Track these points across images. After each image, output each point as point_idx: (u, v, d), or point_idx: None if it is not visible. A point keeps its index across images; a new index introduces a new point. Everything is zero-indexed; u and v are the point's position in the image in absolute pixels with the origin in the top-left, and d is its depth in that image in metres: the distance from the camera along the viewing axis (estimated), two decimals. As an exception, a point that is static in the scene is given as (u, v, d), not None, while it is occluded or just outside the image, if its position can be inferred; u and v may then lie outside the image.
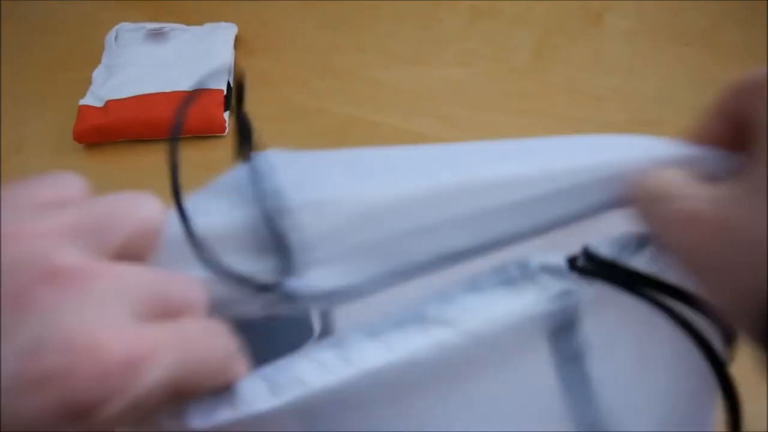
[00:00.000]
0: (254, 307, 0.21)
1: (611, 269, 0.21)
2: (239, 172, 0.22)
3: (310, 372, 0.19)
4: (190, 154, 0.63)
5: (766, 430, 0.38)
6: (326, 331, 0.29)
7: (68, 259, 0.16)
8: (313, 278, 0.21)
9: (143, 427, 0.19)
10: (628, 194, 0.22)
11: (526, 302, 0.20)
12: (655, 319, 0.21)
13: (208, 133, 0.63)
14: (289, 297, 0.21)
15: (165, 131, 0.63)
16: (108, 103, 0.64)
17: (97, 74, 0.67)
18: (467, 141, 0.24)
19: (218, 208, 0.22)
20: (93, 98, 0.65)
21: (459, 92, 0.66)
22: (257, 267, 0.21)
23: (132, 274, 0.17)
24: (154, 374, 0.16)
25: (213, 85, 0.64)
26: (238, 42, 0.70)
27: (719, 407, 0.22)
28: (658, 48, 0.69)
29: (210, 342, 0.18)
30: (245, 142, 0.22)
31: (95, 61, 0.69)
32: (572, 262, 0.21)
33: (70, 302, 0.16)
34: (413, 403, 0.21)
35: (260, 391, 0.19)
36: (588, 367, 0.21)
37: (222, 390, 0.19)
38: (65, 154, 0.63)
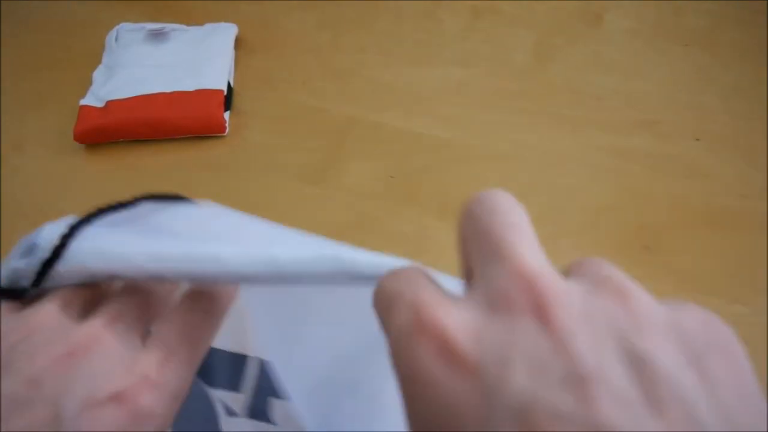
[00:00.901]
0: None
1: None
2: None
3: None
4: (190, 154, 0.63)
5: None
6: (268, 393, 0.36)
7: (80, 332, 0.21)
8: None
9: None
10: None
11: None
12: None
13: (208, 132, 0.63)
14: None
15: (165, 131, 0.63)
16: (108, 103, 0.64)
17: (98, 74, 0.67)
18: (467, 141, 0.24)
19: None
20: (93, 98, 0.65)
21: (459, 92, 0.66)
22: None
23: (120, 320, 0.23)
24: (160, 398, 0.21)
25: (213, 85, 0.64)
26: (238, 42, 0.70)
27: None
28: (658, 48, 0.69)
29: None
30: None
31: (95, 61, 0.69)
32: None
33: (81, 370, 0.20)
34: None
35: None
36: None
37: None
38: (65, 154, 0.63)
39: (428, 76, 0.67)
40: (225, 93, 0.64)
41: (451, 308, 0.16)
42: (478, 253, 0.18)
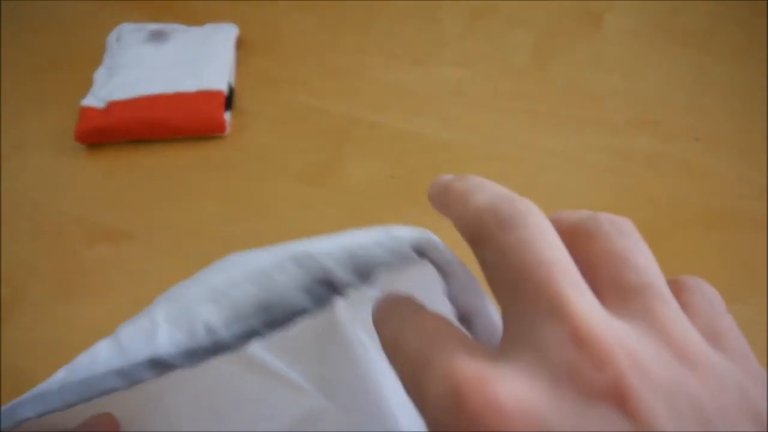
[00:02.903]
0: None
1: None
2: None
3: None
4: (190, 155, 0.63)
5: None
6: None
7: None
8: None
9: None
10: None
11: None
12: None
13: (208, 133, 0.63)
14: None
15: (166, 132, 0.63)
16: (109, 104, 0.64)
17: (99, 75, 0.67)
18: (467, 141, 0.24)
19: None
20: (94, 99, 0.65)
21: (459, 92, 0.66)
22: None
23: None
24: None
25: (213, 86, 0.64)
26: (238, 42, 0.70)
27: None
28: (658, 48, 0.69)
29: None
30: None
31: (96, 62, 0.69)
32: None
33: None
34: None
35: None
36: None
37: None
38: (66, 154, 0.63)
39: (428, 76, 0.68)
40: (226, 94, 0.64)
41: (498, 380, 0.13)
42: (503, 285, 0.15)
